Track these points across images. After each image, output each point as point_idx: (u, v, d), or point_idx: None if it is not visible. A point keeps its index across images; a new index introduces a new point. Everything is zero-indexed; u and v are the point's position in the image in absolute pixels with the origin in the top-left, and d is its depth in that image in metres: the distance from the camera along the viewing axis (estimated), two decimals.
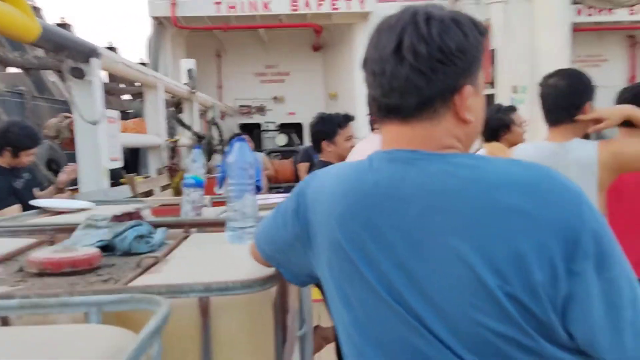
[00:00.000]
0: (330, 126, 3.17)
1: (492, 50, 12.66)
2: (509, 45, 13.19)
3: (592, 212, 0.80)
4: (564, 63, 12.70)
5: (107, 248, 1.45)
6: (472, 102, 0.88)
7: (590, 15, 14.28)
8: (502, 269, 0.76)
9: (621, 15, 14.31)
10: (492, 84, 12.83)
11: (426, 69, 0.83)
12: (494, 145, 3.26)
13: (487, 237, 0.77)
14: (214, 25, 14.34)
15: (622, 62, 15.61)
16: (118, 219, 1.66)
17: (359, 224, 0.86)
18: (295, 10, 13.90)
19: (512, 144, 3.18)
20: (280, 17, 14.17)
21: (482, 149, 3.46)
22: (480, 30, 0.89)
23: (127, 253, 1.44)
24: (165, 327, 0.80)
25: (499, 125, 3.37)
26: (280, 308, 1.20)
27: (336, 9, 13.70)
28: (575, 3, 13.65)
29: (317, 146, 3.23)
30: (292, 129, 14.88)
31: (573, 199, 0.80)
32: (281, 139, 14.58)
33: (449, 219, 0.79)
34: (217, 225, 1.68)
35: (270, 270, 1.11)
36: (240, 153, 1.48)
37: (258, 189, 1.64)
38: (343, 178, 0.92)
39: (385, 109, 0.90)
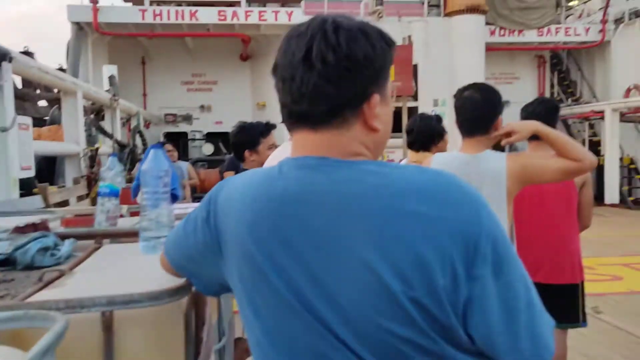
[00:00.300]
0: (252, 135, 3.14)
1: (415, 65, 13.16)
2: (429, 61, 13.77)
3: (491, 217, 0.83)
4: (479, 79, 13.34)
5: (6, 262, 1.36)
6: (380, 111, 0.90)
7: (502, 36, 15.14)
8: (406, 274, 0.77)
9: (530, 36, 15.29)
10: (415, 97, 13.32)
11: (334, 77, 0.85)
12: (420, 154, 3.37)
13: (392, 243, 0.78)
14: (138, 32, 13.92)
15: (532, 80, 16.63)
16: (20, 230, 1.55)
17: (268, 231, 0.86)
18: (223, 20, 13.77)
19: (441, 152, 3.32)
20: (208, 26, 13.99)
21: (405, 159, 3.56)
22: (387, 42, 0.91)
23: (30, 267, 1.35)
24: (64, 345, 0.75)
25: (435, 133, 3.49)
26: (195, 320, 1.17)
27: (264, 20, 13.70)
28: (488, 24, 14.49)
29: (239, 155, 3.20)
30: (219, 138, 14.67)
31: (472, 204, 0.82)
32: (208, 148, 14.33)
33: (356, 226, 0.80)
34: (132, 235, 1.61)
35: (181, 281, 1.08)
36: (155, 160, 1.44)
37: (174, 198, 1.59)
38: (252, 185, 0.91)
39: (295, 116, 0.90)
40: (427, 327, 0.79)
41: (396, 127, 3.51)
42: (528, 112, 3.01)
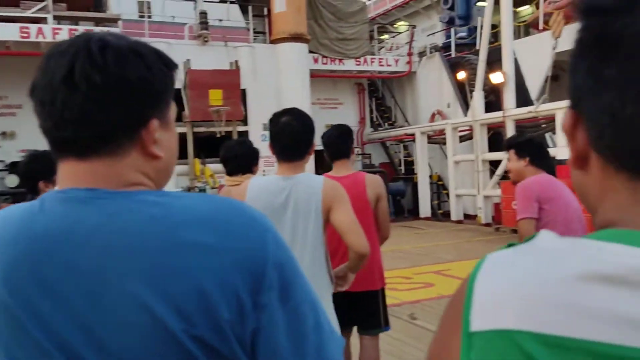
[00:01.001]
0: (46, 164, 2.80)
1: (243, 90, 13.33)
2: (257, 86, 14.07)
3: (277, 242, 0.82)
4: (305, 104, 14.01)
5: None
6: (162, 137, 0.84)
7: (325, 64, 16.11)
8: (186, 310, 0.73)
9: (349, 65, 16.52)
10: (245, 121, 13.46)
11: (103, 100, 0.78)
12: (237, 177, 3.40)
13: (170, 279, 0.73)
14: None
15: (354, 105, 17.91)
16: None
17: (26, 276, 0.75)
18: (26, 37, 12.46)
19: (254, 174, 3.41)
20: (8, 44, 12.54)
21: (226, 184, 3.58)
22: (167, 63, 0.86)
23: None
24: None
25: (254, 157, 3.53)
26: None
27: None
28: (312, 52, 15.33)
29: (32, 187, 2.86)
30: None
31: (257, 230, 0.80)
32: (12, 180, 12.70)
33: (129, 262, 0.74)
34: None
35: None
36: None
37: None
38: (9, 223, 0.80)
39: (60, 143, 0.81)
40: None
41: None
42: (325, 137, 3.34)
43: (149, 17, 13.99)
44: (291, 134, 2.37)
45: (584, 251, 0.49)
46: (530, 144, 3.26)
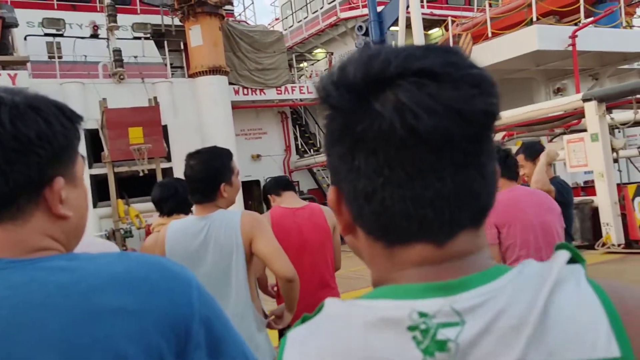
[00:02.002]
0: None
1: (164, 126, 13.05)
2: (179, 121, 13.83)
3: (203, 298, 0.79)
4: (229, 136, 13.93)
5: None
6: (69, 195, 0.80)
7: (246, 94, 16.13)
8: None
9: (271, 94, 16.63)
10: (168, 157, 13.15)
11: (0, 162, 0.73)
12: (164, 219, 3.26)
13: (88, 351, 0.69)
14: None
15: (278, 134, 17.99)
16: None
17: None
18: None
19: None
20: None
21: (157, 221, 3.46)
22: (70, 117, 0.82)
23: None
24: None
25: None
26: None
27: None
28: (232, 84, 15.33)
29: None
30: None
31: (181, 288, 0.77)
32: None
33: (38, 336, 0.68)
34: None
35: None
36: None
37: None
38: None
39: None
40: None
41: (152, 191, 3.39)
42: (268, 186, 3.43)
43: (60, 57, 13.46)
44: (191, 179, 2.38)
45: (360, 311, 0.57)
46: (497, 155, 3.17)
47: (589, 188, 11.20)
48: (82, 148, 0.84)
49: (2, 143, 0.72)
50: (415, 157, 0.55)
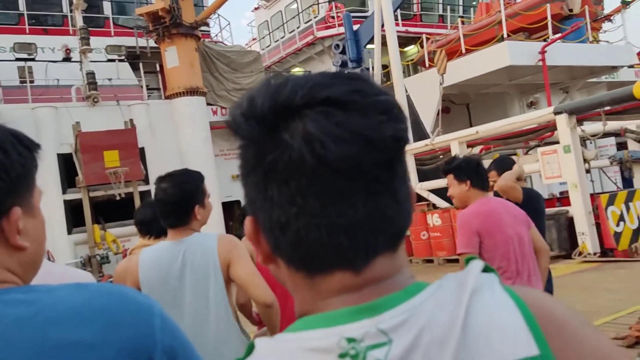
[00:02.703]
0: None
1: (142, 149, 12.92)
2: (156, 143, 13.70)
3: (165, 324, 0.77)
4: (208, 157, 13.85)
5: None
6: (27, 225, 0.78)
7: (224, 115, 16.09)
8: None
9: None
10: (146, 180, 13.00)
11: None
12: (149, 241, 3.18)
13: None
14: None
15: None
16: None
17: None
18: None
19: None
20: None
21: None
22: (28, 146, 0.80)
23: None
24: None
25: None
26: None
27: None
28: (210, 104, 15.28)
29: None
30: None
31: (143, 317, 0.76)
32: None
33: None
34: None
35: None
36: None
37: None
38: None
39: None
40: None
41: (130, 214, 3.30)
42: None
43: (32, 81, 13.27)
44: (164, 202, 2.32)
45: (288, 346, 0.57)
46: (468, 165, 3.06)
47: (564, 199, 11.37)
48: (55, 173, 0.81)
49: None
50: (326, 186, 0.56)
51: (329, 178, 0.56)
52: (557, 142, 9.87)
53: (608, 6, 18.36)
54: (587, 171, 9.87)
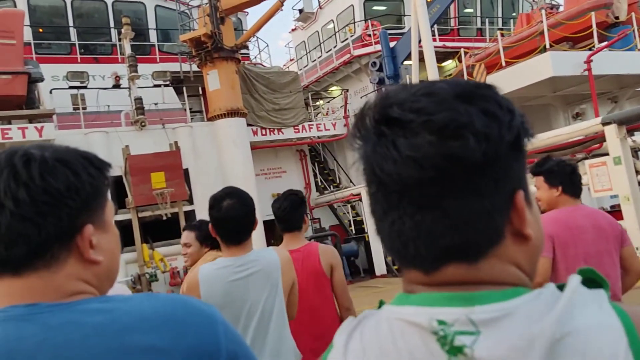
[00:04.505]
0: None
1: (186, 170, 13.25)
2: (199, 164, 14.04)
3: (229, 333, 0.82)
4: (249, 176, 14.04)
5: None
6: (100, 240, 0.84)
7: (264, 135, 16.35)
8: None
9: (288, 133, 16.81)
10: (190, 200, 13.30)
11: (32, 215, 0.77)
12: (211, 253, 3.25)
13: None
14: None
15: (298, 172, 18.08)
16: None
17: None
18: None
19: None
20: None
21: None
22: (98, 166, 0.86)
23: None
24: None
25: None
26: None
27: (9, 138, 12.25)
28: (250, 125, 15.57)
29: None
30: None
31: (207, 325, 0.80)
32: None
33: None
34: None
35: None
36: None
37: None
38: None
39: None
40: None
41: (176, 233, 3.40)
42: (277, 209, 3.14)
43: (84, 108, 13.88)
44: (236, 220, 2.35)
45: (385, 316, 0.66)
46: (562, 170, 2.79)
47: (615, 212, 10.95)
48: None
49: (33, 197, 0.77)
50: (385, 199, 0.65)
51: (385, 192, 0.64)
52: (606, 154, 9.56)
53: None
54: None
